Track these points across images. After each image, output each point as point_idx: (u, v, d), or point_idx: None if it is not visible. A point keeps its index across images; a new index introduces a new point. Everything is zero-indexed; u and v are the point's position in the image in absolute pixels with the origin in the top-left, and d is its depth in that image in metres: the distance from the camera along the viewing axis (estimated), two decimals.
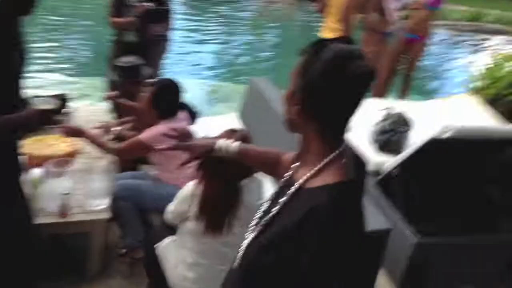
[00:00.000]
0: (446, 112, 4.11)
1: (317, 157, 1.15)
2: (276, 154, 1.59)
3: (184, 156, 2.87)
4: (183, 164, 1.79)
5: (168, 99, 2.92)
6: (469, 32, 11.24)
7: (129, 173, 3.13)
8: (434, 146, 2.78)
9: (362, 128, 3.42)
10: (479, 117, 3.96)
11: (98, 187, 2.76)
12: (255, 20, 12.36)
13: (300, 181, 1.15)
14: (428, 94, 6.94)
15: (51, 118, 2.22)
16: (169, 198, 2.50)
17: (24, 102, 2.18)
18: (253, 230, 1.24)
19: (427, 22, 5.52)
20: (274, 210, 1.18)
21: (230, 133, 2.36)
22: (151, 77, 4.09)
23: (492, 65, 5.47)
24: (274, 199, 1.25)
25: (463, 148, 2.80)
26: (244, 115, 3.98)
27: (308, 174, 1.14)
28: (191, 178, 2.44)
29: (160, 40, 4.76)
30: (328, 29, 5.34)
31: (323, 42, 1.13)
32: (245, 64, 8.36)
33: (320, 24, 5.56)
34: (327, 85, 1.09)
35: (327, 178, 1.11)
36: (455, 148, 2.79)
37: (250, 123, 3.72)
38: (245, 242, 1.24)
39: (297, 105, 1.14)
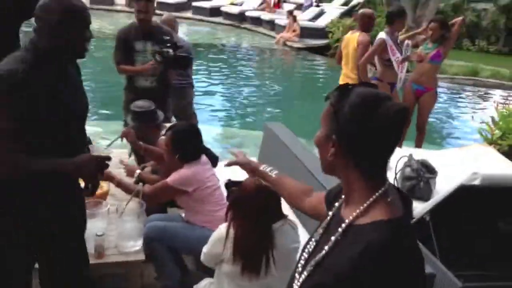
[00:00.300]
0: (466, 161, 4.18)
1: (362, 195, 1.17)
2: (308, 187, 1.74)
3: (215, 200, 2.92)
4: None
5: (189, 143, 2.94)
6: (469, 85, 11.56)
7: (161, 215, 3.13)
8: (464, 193, 2.84)
9: None
10: (498, 166, 4.03)
11: (130, 228, 2.76)
12: (259, 68, 12.66)
13: (350, 218, 1.17)
14: (439, 144, 7.04)
15: (105, 166, 2.11)
16: (200, 240, 2.50)
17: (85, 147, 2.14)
18: (302, 270, 1.24)
19: (432, 75, 5.69)
20: (326, 248, 1.18)
21: (256, 180, 2.40)
22: (167, 121, 4.15)
23: (503, 117, 5.60)
24: (322, 238, 1.26)
25: (493, 194, 2.85)
26: (262, 160, 4.04)
27: (358, 211, 1.16)
28: (223, 220, 2.45)
29: (183, 87, 4.86)
30: (346, 78, 5.58)
31: (348, 87, 1.19)
32: (255, 111, 8.51)
33: (321, 71, 5.72)
34: (360, 127, 1.13)
35: (377, 215, 1.13)
36: (485, 194, 2.85)
37: (268, 165, 3.77)
38: (296, 283, 1.23)
39: (333, 148, 1.18)
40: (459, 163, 3.91)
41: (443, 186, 3.17)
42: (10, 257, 2.02)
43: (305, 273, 1.21)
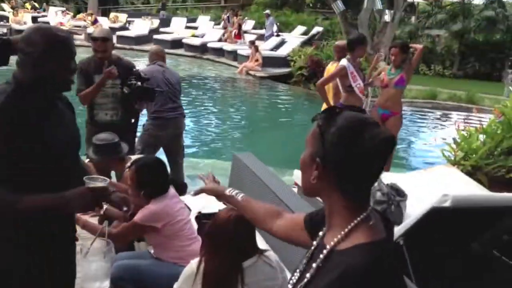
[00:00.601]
0: (432, 182, 4.24)
1: (344, 219, 1.16)
2: (278, 209, 1.66)
3: (185, 235, 2.82)
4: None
5: (154, 178, 2.83)
6: (428, 108, 11.91)
7: (129, 253, 3.00)
8: (435, 215, 2.84)
9: None
10: (465, 187, 4.09)
11: (96, 268, 2.61)
12: (224, 98, 12.69)
13: (332, 243, 1.15)
14: (404, 167, 7.14)
15: (104, 198, 1.95)
16: (171, 277, 2.40)
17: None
18: None
19: (397, 99, 5.82)
20: (307, 276, 1.16)
21: (231, 210, 2.33)
22: (132, 153, 4.06)
23: (464, 138, 5.72)
24: (307, 265, 1.24)
25: (464, 215, 2.87)
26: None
27: (339, 237, 1.14)
28: (194, 256, 2.36)
29: (175, 118, 4.79)
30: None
31: (335, 109, 1.18)
32: (221, 141, 8.47)
33: (285, 99, 5.75)
34: (346, 151, 1.12)
35: (358, 239, 1.12)
36: (456, 215, 2.86)
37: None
38: None
39: (317, 170, 1.16)
40: (426, 185, 3.95)
41: (413, 209, 3.18)
42: (10, 257, 1.85)
43: None
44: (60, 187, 1.82)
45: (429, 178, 4.45)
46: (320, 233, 1.29)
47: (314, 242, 1.29)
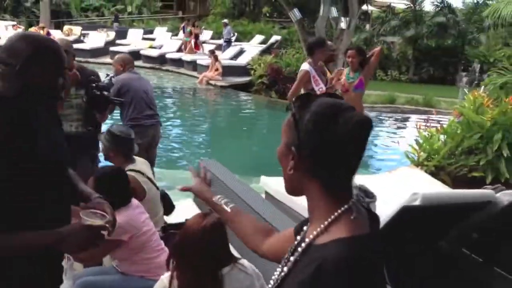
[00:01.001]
0: (396, 183, 4.27)
1: (325, 212, 1.11)
2: (269, 227, 1.54)
3: (152, 246, 2.69)
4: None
5: (115, 189, 2.68)
6: (388, 112, 12.15)
7: (93, 268, 2.85)
8: (406, 214, 2.82)
9: None
10: (430, 187, 4.12)
11: None
12: (185, 108, 12.55)
13: (311, 236, 1.10)
14: (367, 169, 7.18)
15: (99, 237, 1.73)
16: None
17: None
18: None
19: (358, 103, 5.85)
20: (285, 269, 1.14)
21: (203, 217, 2.23)
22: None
23: (426, 139, 5.81)
24: (287, 261, 1.18)
25: (435, 213, 2.87)
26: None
27: (318, 230, 1.10)
28: (161, 268, 2.25)
29: (153, 125, 4.68)
30: None
31: (310, 96, 1.15)
32: (184, 151, 8.34)
33: (246, 108, 5.70)
34: (320, 138, 1.08)
35: (337, 233, 1.07)
36: (426, 213, 2.86)
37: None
38: None
39: (293, 160, 1.12)
40: (392, 187, 3.98)
41: (381, 210, 3.16)
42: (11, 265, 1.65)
43: None
44: (58, 190, 1.69)
45: (394, 180, 4.49)
46: (304, 228, 1.23)
47: (298, 237, 1.22)
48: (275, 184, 4.04)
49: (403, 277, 2.90)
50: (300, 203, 3.31)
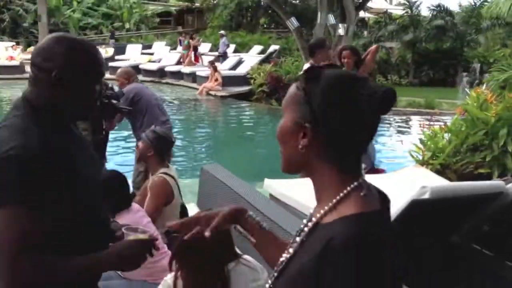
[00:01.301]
0: (404, 183, 4.19)
1: (333, 190, 1.05)
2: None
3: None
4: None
5: (115, 193, 2.65)
6: (390, 115, 12.12)
7: None
8: (415, 207, 2.76)
9: None
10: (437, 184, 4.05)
11: None
12: (187, 118, 12.53)
13: (318, 215, 1.05)
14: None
15: (151, 250, 1.60)
16: None
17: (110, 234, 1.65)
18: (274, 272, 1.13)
19: None
20: (291, 250, 1.08)
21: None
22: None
23: (430, 137, 5.74)
24: (292, 242, 1.13)
25: (444, 206, 2.81)
26: (202, 202, 3.87)
27: (326, 208, 1.04)
28: (164, 271, 2.18)
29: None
30: None
31: (316, 69, 1.08)
32: (186, 160, 8.31)
33: (248, 116, 5.66)
34: (340, 109, 1.01)
35: (346, 210, 1.01)
36: (436, 206, 2.80)
37: (210, 208, 3.63)
38: (266, 286, 1.15)
39: (305, 138, 1.04)
40: (397, 186, 3.91)
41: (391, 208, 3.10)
42: None
43: (272, 277, 1.12)
44: (99, 239, 1.54)
45: (399, 179, 4.42)
46: (311, 211, 1.16)
47: (304, 221, 1.16)
48: (279, 187, 3.98)
49: (413, 271, 2.83)
50: (304, 203, 3.24)
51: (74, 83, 1.46)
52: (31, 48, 21.69)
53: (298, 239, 1.07)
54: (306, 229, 1.07)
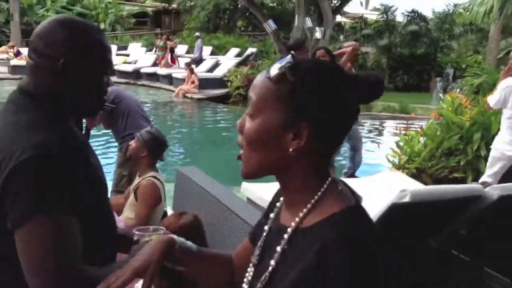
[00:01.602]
0: (380, 187, 4.20)
1: (309, 191, 0.97)
2: (228, 254, 1.24)
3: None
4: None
5: None
6: (366, 120, 12.21)
7: None
8: (395, 211, 2.74)
9: None
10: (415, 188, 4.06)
11: None
12: (163, 121, 12.38)
13: (297, 219, 0.96)
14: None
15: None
16: None
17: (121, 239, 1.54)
18: None
19: None
20: (272, 263, 0.97)
21: (179, 216, 2.13)
22: None
23: (407, 141, 5.78)
24: (261, 258, 1.04)
25: (424, 209, 2.80)
26: (178, 205, 3.77)
27: (305, 211, 0.96)
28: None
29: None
30: None
31: (292, 61, 0.96)
32: (162, 163, 8.18)
33: (225, 119, 5.59)
34: (330, 102, 0.94)
35: (328, 210, 0.94)
36: (416, 210, 2.78)
37: (186, 210, 3.57)
38: None
39: (294, 140, 0.94)
40: (373, 190, 3.92)
41: (369, 212, 3.08)
42: None
43: None
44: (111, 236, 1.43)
45: (376, 183, 4.43)
46: (271, 215, 1.08)
47: (266, 227, 1.08)
48: (256, 190, 3.93)
49: (393, 277, 2.81)
50: None
51: (81, 73, 1.31)
52: (2, 48, 21.18)
53: (278, 248, 0.97)
54: (285, 236, 0.97)
